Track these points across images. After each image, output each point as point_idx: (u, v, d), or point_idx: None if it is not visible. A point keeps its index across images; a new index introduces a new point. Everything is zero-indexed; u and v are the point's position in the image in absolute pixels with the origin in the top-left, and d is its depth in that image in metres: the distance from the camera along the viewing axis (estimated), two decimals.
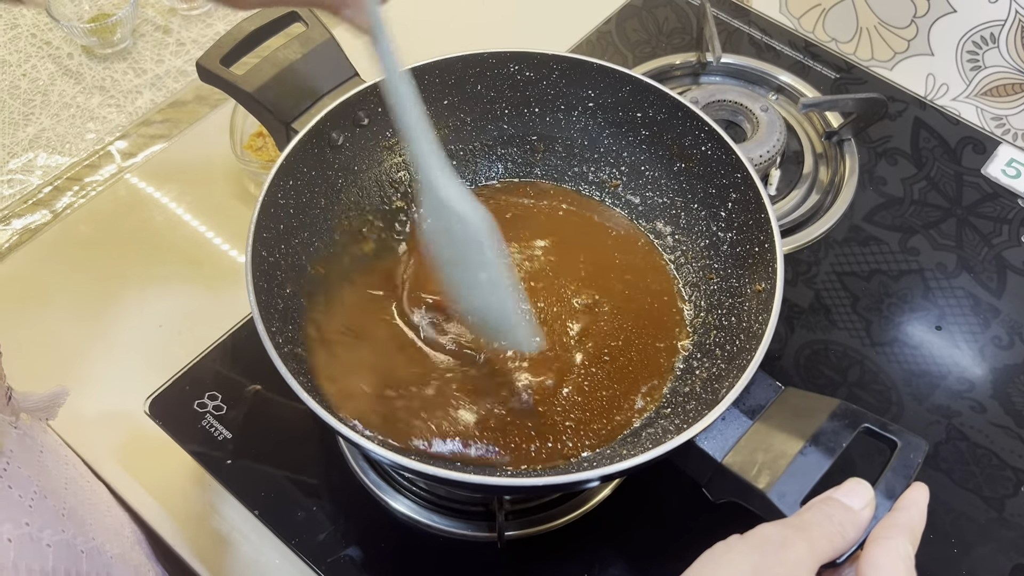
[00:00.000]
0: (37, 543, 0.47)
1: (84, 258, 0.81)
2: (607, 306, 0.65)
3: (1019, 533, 0.67)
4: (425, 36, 0.61)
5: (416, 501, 0.65)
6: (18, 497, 0.48)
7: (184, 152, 0.89)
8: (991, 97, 0.92)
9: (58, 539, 0.49)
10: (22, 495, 0.48)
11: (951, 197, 0.86)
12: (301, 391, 0.49)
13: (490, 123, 0.71)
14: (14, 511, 0.47)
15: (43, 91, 0.94)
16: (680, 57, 0.95)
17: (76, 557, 0.50)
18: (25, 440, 0.53)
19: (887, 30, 0.95)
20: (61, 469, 0.56)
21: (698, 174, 0.66)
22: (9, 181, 0.86)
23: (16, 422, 0.53)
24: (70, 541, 0.50)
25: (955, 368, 0.76)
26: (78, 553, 0.50)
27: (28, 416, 0.56)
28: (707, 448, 0.50)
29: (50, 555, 0.47)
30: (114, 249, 0.82)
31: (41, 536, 0.47)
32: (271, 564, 0.65)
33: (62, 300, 0.78)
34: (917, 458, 0.48)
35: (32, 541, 0.47)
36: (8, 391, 0.55)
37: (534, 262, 0.67)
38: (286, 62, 0.63)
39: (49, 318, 0.77)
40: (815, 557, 0.41)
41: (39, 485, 0.50)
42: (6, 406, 0.54)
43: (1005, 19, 0.85)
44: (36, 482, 0.50)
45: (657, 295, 0.66)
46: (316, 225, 0.64)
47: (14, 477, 0.48)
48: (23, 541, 0.46)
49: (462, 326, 0.61)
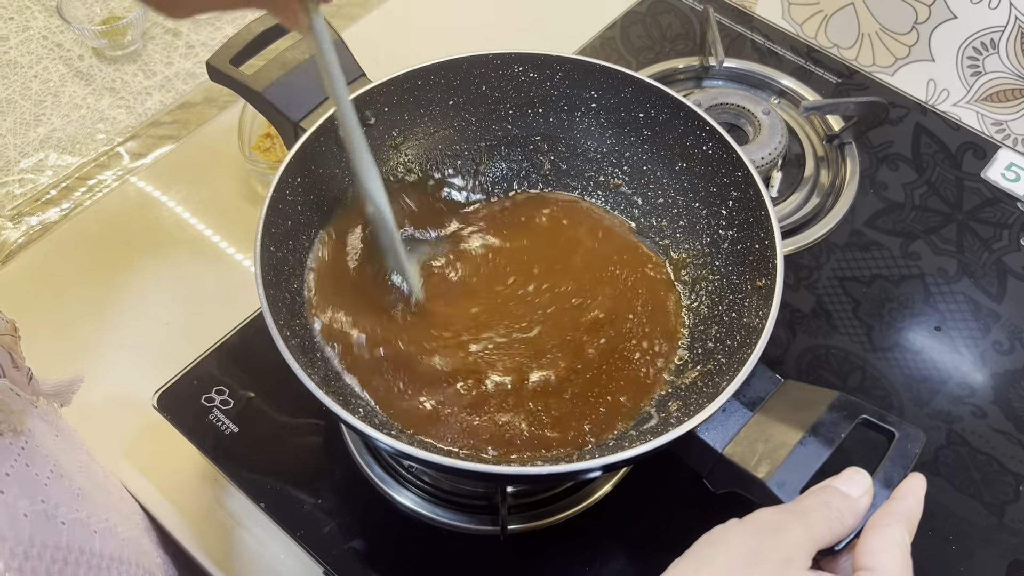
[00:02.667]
0: (52, 520, 0.48)
1: (93, 256, 0.82)
2: (609, 301, 0.65)
3: (1020, 539, 0.67)
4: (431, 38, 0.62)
5: (420, 494, 0.65)
6: (35, 475, 0.48)
7: (192, 153, 0.90)
8: (991, 102, 0.92)
9: (72, 517, 0.50)
10: (39, 473, 0.49)
11: (952, 202, 0.87)
12: (309, 382, 0.50)
13: (494, 123, 0.72)
14: (31, 488, 0.47)
15: (54, 92, 0.95)
16: (683, 61, 0.96)
17: (89, 536, 0.51)
18: (44, 423, 0.54)
19: (888, 36, 0.96)
20: (75, 452, 0.56)
21: (699, 173, 0.67)
22: (20, 180, 0.88)
23: (36, 402, 0.54)
24: (84, 520, 0.51)
25: (956, 373, 0.76)
26: (91, 532, 0.51)
27: (44, 400, 0.57)
28: (708, 439, 0.50)
29: (64, 532, 0.48)
30: (123, 247, 0.83)
31: (56, 514, 0.48)
32: (275, 558, 0.66)
33: (71, 297, 0.79)
34: (915, 448, 0.49)
35: (48, 518, 0.47)
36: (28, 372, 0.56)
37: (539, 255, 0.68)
38: (294, 62, 0.64)
39: (58, 315, 0.78)
40: (812, 542, 0.42)
41: (55, 465, 0.51)
42: (27, 386, 0.55)
43: (1005, 25, 0.86)
44: (53, 462, 0.51)
45: (659, 291, 0.67)
46: (323, 222, 0.64)
47: (32, 456, 0.49)
48: (39, 517, 0.47)
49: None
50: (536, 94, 0.70)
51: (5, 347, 0.54)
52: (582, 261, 0.68)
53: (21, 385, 0.53)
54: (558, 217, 0.71)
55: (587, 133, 0.71)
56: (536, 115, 0.72)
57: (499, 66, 0.68)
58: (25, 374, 0.55)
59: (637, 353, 0.63)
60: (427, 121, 0.70)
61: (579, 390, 0.61)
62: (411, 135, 0.70)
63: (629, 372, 0.62)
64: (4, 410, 0.48)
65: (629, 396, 0.60)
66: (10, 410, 0.48)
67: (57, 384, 0.59)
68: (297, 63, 0.63)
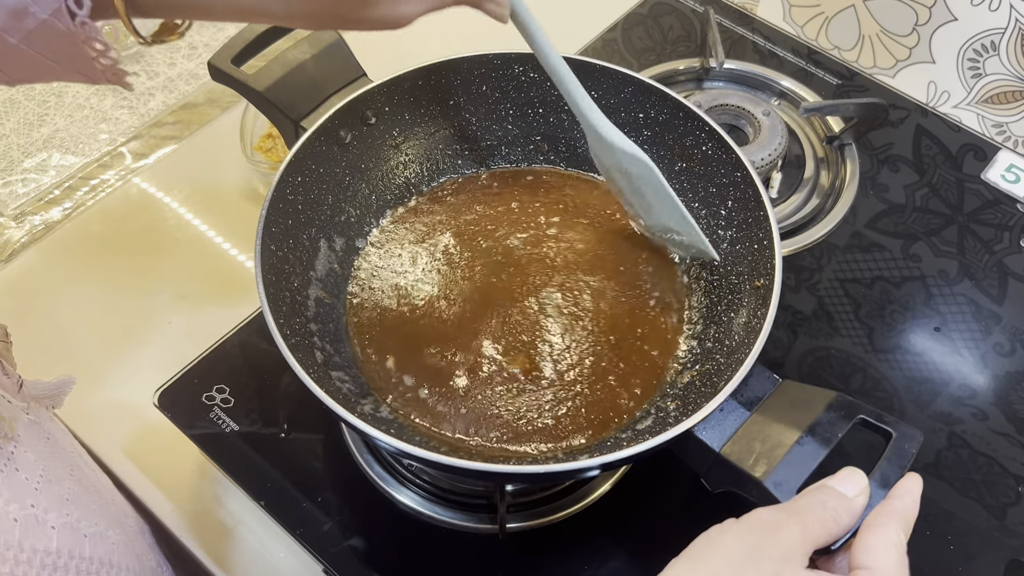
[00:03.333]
0: (42, 525, 0.48)
1: (96, 255, 0.82)
2: (608, 302, 0.66)
3: (1020, 541, 0.67)
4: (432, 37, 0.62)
5: (419, 493, 0.65)
6: (25, 480, 0.49)
7: (195, 153, 0.91)
8: (992, 104, 0.93)
9: (62, 522, 0.50)
10: (28, 478, 0.49)
11: (952, 204, 0.87)
12: (309, 381, 0.50)
13: (495, 123, 0.72)
14: (21, 493, 0.48)
15: (57, 93, 0.96)
16: (684, 63, 0.96)
17: (80, 540, 0.51)
18: (33, 427, 0.54)
19: (889, 38, 0.96)
20: (66, 456, 0.56)
21: (699, 173, 0.67)
22: (24, 180, 0.88)
23: (28, 408, 0.55)
24: (74, 525, 0.51)
25: (957, 375, 0.76)
26: (82, 537, 0.51)
27: (36, 404, 0.57)
28: (705, 438, 0.51)
29: (55, 537, 0.48)
30: (125, 247, 0.83)
31: (46, 518, 0.48)
32: (275, 556, 0.66)
33: (74, 296, 0.80)
34: (912, 449, 0.49)
35: (38, 523, 0.48)
36: (19, 380, 0.56)
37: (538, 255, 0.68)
38: (295, 62, 0.64)
39: (61, 313, 0.79)
40: (809, 540, 0.42)
41: (45, 470, 0.51)
42: (17, 394, 0.55)
43: (1005, 27, 0.86)
44: (42, 466, 0.51)
45: (657, 291, 0.67)
46: (323, 221, 0.65)
47: (21, 461, 0.49)
48: (29, 522, 0.47)
49: None
50: (536, 94, 0.71)
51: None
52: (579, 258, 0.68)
53: (12, 392, 0.54)
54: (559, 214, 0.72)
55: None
56: (536, 115, 0.72)
57: (500, 66, 0.69)
58: (15, 381, 0.55)
59: (634, 353, 0.63)
60: (428, 121, 0.70)
61: (578, 389, 0.61)
62: (412, 134, 0.70)
63: (625, 371, 0.62)
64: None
65: (628, 395, 0.61)
66: (0, 417, 0.48)
67: (47, 387, 0.59)
68: (298, 63, 0.64)
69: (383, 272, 0.67)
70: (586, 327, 0.64)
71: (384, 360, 0.62)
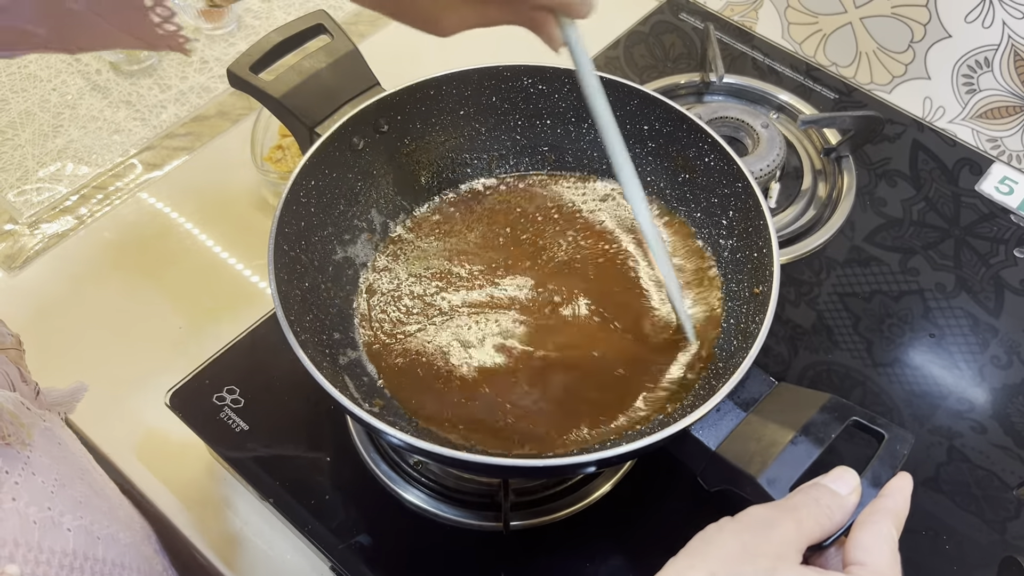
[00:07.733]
0: (59, 527, 0.49)
1: (108, 263, 0.84)
2: (611, 307, 0.67)
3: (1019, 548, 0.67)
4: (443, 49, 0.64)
5: (425, 491, 0.66)
6: (41, 483, 0.50)
7: (206, 164, 0.92)
8: (986, 119, 0.94)
9: (77, 524, 0.51)
10: (44, 482, 0.50)
11: (949, 218, 0.88)
12: (320, 377, 0.51)
13: (503, 134, 0.73)
14: (38, 496, 0.49)
15: (71, 105, 0.97)
16: (684, 77, 0.98)
17: (93, 542, 0.52)
18: (47, 433, 0.55)
19: (885, 55, 0.97)
20: (76, 461, 0.57)
21: (701, 184, 0.68)
22: (38, 189, 0.89)
23: (44, 416, 0.56)
24: (88, 527, 0.52)
25: (955, 388, 0.76)
26: (95, 539, 0.52)
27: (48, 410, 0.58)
28: (702, 437, 0.51)
29: (71, 539, 0.50)
30: (137, 254, 0.85)
31: (62, 521, 0.50)
32: (282, 556, 0.67)
33: (86, 302, 0.81)
34: (903, 449, 0.49)
35: (55, 525, 0.49)
36: (36, 386, 0.58)
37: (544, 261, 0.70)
38: (312, 70, 0.65)
39: (74, 319, 0.80)
40: (802, 537, 0.43)
41: (59, 474, 0.52)
42: (35, 400, 0.56)
43: (998, 44, 0.88)
44: (56, 471, 0.52)
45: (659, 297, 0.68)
46: (335, 224, 0.66)
47: (37, 465, 0.50)
48: (46, 524, 0.48)
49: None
50: (544, 106, 0.72)
51: (12, 361, 0.55)
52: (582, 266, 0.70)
53: (30, 399, 0.54)
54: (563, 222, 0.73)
55: (593, 144, 0.73)
56: (544, 126, 0.73)
57: (509, 78, 0.70)
58: (32, 388, 0.56)
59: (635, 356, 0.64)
60: (438, 130, 0.71)
61: (578, 389, 0.62)
62: (422, 143, 0.71)
63: (626, 374, 0.63)
64: (15, 423, 0.49)
65: (627, 395, 0.62)
66: (20, 423, 0.49)
67: (60, 394, 0.60)
68: (313, 71, 0.65)
69: (393, 275, 0.69)
70: (589, 329, 0.65)
71: (394, 359, 0.64)
